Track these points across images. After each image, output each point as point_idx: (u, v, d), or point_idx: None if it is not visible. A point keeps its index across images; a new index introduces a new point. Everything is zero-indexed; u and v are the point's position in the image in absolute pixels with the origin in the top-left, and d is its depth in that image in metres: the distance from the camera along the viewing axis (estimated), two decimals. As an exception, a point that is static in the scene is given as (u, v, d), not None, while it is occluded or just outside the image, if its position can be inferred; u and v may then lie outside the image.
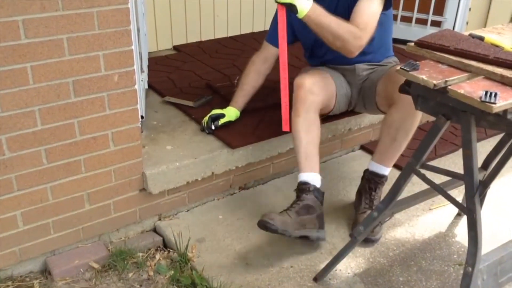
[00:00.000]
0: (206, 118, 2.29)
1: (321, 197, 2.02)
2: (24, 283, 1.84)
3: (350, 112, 2.46)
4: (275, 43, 2.21)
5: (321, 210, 2.00)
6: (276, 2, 2.00)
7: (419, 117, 2.04)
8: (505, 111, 1.34)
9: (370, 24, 2.00)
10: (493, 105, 1.28)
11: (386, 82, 2.11)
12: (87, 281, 1.87)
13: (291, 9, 1.97)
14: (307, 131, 2.03)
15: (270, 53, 2.33)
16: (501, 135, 1.84)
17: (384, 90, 2.11)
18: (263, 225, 1.86)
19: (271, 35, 2.31)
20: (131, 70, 1.79)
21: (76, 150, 1.79)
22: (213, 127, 2.26)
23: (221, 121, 2.28)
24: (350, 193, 2.37)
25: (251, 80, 2.35)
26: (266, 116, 2.44)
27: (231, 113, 2.33)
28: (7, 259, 1.82)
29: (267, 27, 3.70)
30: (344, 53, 2.02)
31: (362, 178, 2.22)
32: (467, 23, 3.53)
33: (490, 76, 1.42)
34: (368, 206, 2.13)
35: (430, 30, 3.48)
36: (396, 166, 2.57)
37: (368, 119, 2.61)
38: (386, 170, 2.15)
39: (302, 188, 2.00)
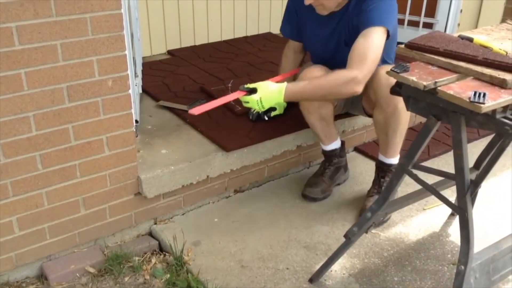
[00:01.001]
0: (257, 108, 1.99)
1: (343, 149, 2.39)
2: (20, 289, 1.85)
3: (344, 114, 2.49)
4: (291, 36, 2.38)
5: (344, 159, 2.42)
6: (241, 89, 1.96)
7: (404, 115, 2.07)
8: (494, 111, 1.36)
9: (369, 62, 1.89)
10: (482, 105, 1.30)
11: (366, 87, 2.10)
12: (84, 285, 1.88)
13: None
14: (320, 120, 2.22)
15: (295, 44, 2.39)
16: (493, 135, 1.87)
17: (366, 94, 2.14)
18: (309, 197, 2.30)
19: (285, 29, 2.37)
20: (125, 75, 1.81)
21: (71, 155, 1.80)
22: (266, 118, 2.38)
23: (273, 113, 2.40)
24: (344, 195, 2.38)
25: (292, 68, 2.42)
26: (260, 119, 2.45)
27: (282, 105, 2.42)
28: (3, 265, 1.82)
29: (261, 31, 3.76)
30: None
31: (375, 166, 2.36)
32: (459, 24, 3.56)
33: (479, 77, 1.44)
34: (376, 191, 2.27)
35: (422, 32, 3.51)
36: (389, 167, 2.58)
37: (362, 121, 2.63)
38: (390, 160, 2.24)
39: (329, 155, 2.35)
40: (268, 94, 1.91)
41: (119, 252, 1.99)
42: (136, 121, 2.22)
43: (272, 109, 2.39)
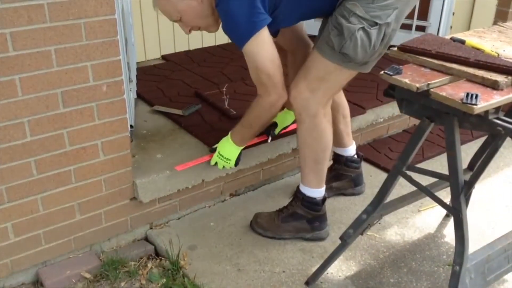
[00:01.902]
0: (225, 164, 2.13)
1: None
2: (16, 295, 1.84)
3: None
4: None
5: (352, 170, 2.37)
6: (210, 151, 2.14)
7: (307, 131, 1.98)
8: (486, 112, 1.37)
9: (266, 79, 1.82)
10: (474, 106, 1.31)
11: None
12: (79, 291, 1.88)
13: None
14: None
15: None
16: (486, 136, 1.88)
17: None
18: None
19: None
20: (120, 80, 1.81)
21: (66, 160, 1.80)
22: (273, 135, 2.26)
23: (276, 130, 2.27)
24: (339, 197, 2.39)
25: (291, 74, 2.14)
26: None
27: (282, 117, 2.29)
28: (-1, 271, 1.82)
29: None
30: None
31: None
32: (451, 27, 3.58)
33: (471, 79, 1.46)
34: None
35: (414, 35, 3.53)
36: (383, 168, 2.61)
37: (356, 124, 2.64)
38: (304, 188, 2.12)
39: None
40: (222, 147, 2.09)
41: (115, 257, 1.98)
42: (131, 126, 2.22)
43: (274, 125, 2.26)
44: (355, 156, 2.35)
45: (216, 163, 2.12)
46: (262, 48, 1.80)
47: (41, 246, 1.87)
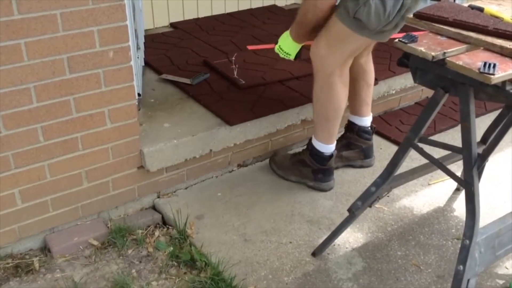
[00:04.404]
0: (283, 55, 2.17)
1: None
2: (24, 261, 1.85)
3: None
4: None
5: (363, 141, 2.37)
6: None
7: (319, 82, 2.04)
8: (503, 83, 1.33)
9: None
10: (491, 76, 1.26)
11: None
12: (87, 258, 1.89)
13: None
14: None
15: None
16: (501, 109, 1.83)
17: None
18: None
19: None
20: (126, 46, 1.77)
21: (72, 127, 1.78)
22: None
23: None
24: (348, 169, 2.36)
25: None
26: (264, 93, 2.42)
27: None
28: (7, 237, 1.82)
29: (265, 3, 3.69)
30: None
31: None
32: (468, -4, 3.48)
33: (489, 47, 1.41)
34: None
35: (430, 2, 3.42)
36: (394, 141, 2.58)
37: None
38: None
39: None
40: (283, 40, 2.12)
41: (123, 225, 1.99)
42: (139, 94, 2.20)
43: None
44: (369, 128, 2.33)
45: (278, 54, 2.15)
46: None
47: (48, 212, 1.88)
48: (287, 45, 2.10)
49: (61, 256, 1.88)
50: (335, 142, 2.17)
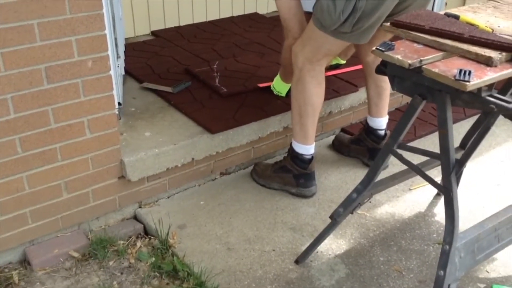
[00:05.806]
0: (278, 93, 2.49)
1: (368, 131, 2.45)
2: (3, 274, 1.82)
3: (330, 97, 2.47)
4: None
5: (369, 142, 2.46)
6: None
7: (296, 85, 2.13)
8: (479, 89, 1.35)
9: (285, 24, 2.08)
10: (467, 83, 1.28)
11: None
12: (67, 270, 1.86)
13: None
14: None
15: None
16: (479, 114, 1.86)
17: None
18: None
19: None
20: (106, 56, 1.76)
21: (51, 138, 1.76)
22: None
23: (334, 61, 2.66)
24: (331, 176, 2.37)
25: None
26: (246, 100, 2.43)
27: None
28: (-15, 250, 1.79)
29: (247, 11, 3.70)
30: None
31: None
32: (446, 3, 3.53)
33: (465, 55, 1.43)
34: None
35: (409, 11, 3.47)
36: (375, 147, 2.56)
37: (349, 102, 2.61)
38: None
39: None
40: (276, 81, 2.46)
41: (104, 236, 1.96)
42: (119, 103, 2.18)
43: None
44: (379, 131, 2.37)
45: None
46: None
47: (28, 224, 1.85)
48: (278, 85, 2.45)
49: (41, 269, 1.85)
50: (313, 145, 2.18)
